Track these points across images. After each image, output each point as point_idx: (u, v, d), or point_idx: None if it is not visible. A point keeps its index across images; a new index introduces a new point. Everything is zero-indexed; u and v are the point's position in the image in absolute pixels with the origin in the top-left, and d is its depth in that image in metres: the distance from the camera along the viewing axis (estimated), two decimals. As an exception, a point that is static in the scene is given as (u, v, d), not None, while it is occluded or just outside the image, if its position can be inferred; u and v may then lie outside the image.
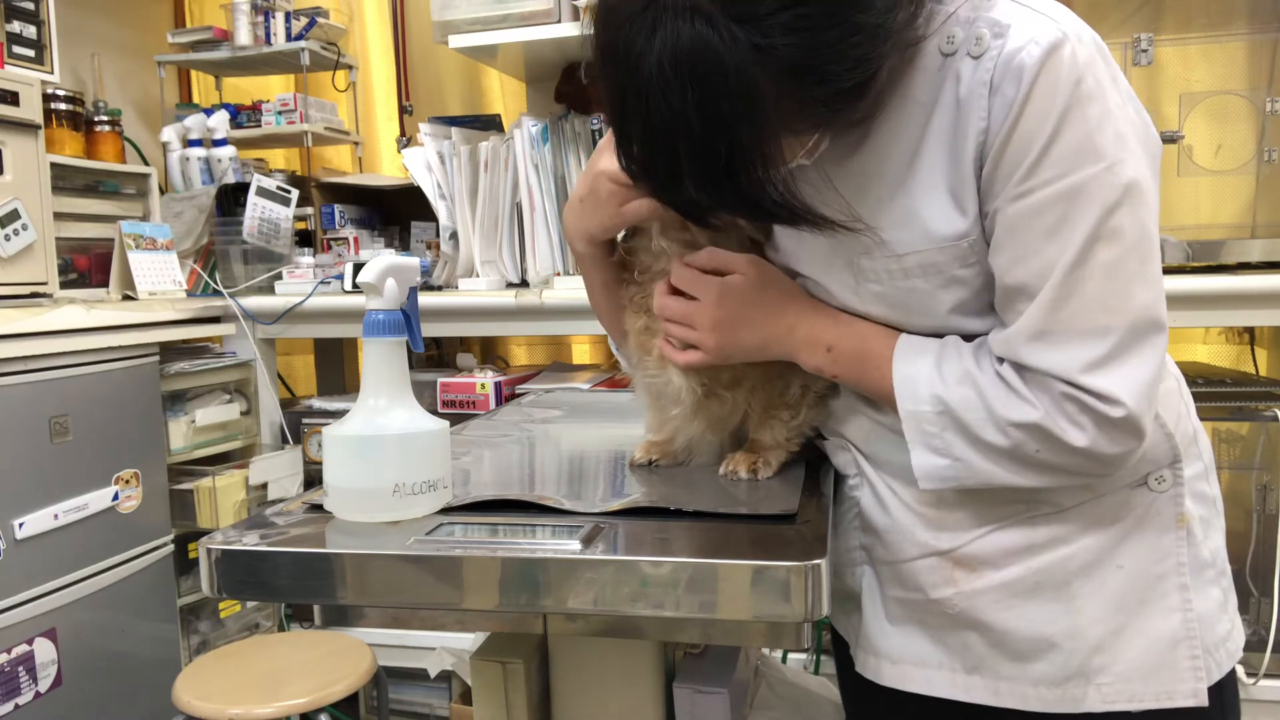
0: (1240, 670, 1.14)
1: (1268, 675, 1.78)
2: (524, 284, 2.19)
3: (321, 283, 2.26)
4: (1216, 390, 1.88)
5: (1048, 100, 0.73)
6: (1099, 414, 0.75)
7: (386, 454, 0.84)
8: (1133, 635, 0.84)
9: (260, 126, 2.70)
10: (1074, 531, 0.85)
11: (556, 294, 2.05)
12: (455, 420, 1.21)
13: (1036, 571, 0.85)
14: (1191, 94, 2.21)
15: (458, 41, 2.13)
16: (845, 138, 0.81)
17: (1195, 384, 1.26)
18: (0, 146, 1.81)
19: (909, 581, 0.90)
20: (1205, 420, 0.96)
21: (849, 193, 0.82)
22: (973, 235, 0.79)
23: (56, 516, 1.78)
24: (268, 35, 2.65)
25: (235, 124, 2.69)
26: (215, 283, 2.35)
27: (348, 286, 2.23)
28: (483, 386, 2.18)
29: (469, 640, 2.05)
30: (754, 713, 1.27)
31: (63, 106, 2.23)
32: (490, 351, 2.84)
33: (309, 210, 2.52)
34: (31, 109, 1.87)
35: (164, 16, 3.02)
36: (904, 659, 0.91)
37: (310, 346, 2.91)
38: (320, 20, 2.66)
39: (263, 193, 2.34)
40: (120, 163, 2.37)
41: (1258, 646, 1.78)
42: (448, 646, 2.15)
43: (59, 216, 2.02)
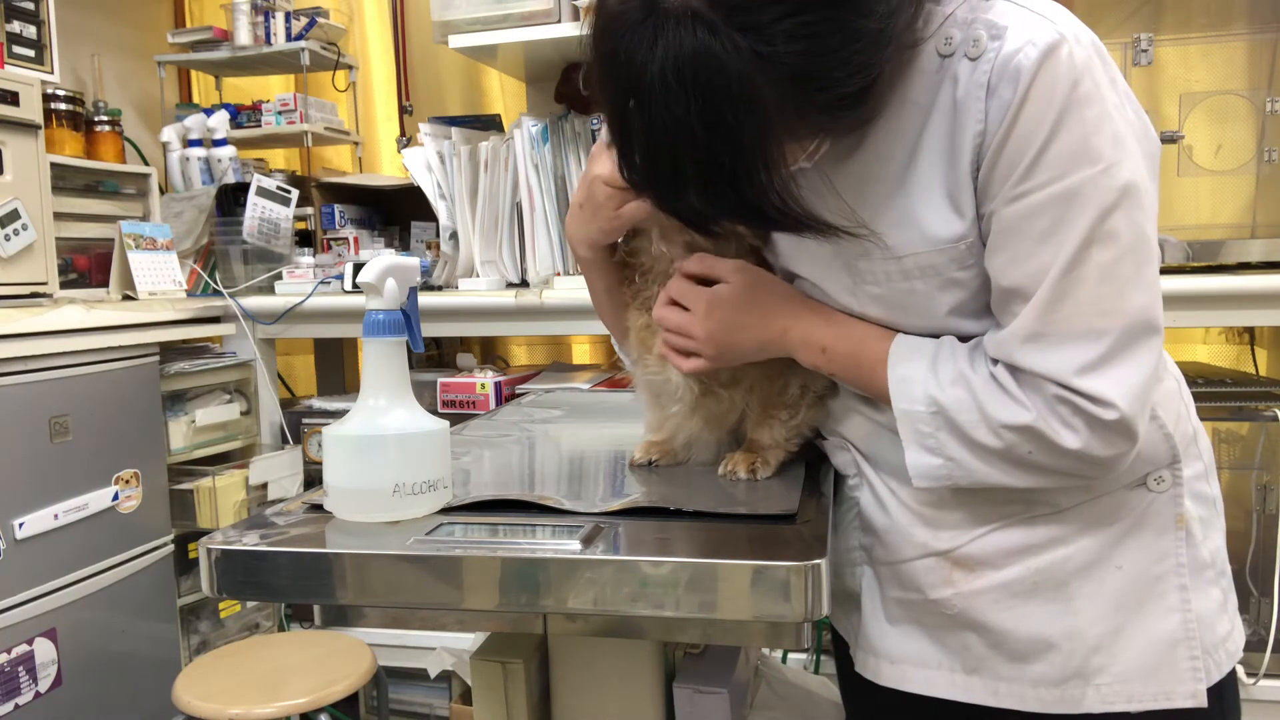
0: (1240, 670, 1.14)
1: (1268, 675, 1.78)
2: (524, 284, 2.19)
3: (321, 283, 2.26)
4: (1216, 390, 1.88)
5: (1044, 102, 0.73)
6: (1091, 416, 0.75)
7: (386, 454, 0.84)
8: (1131, 636, 0.84)
9: (260, 126, 2.70)
10: (1073, 532, 0.85)
11: (556, 294, 2.05)
12: (455, 420, 1.21)
13: (1035, 572, 0.85)
14: (1191, 94, 2.21)
15: (458, 41, 2.13)
16: (844, 140, 0.81)
17: (1195, 384, 1.26)
18: (0, 146, 1.81)
19: (908, 582, 0.90)
20: (1205, 420, 0.95)
21: (847, 195, 0.82)
22: (970, 237, 0.79)
23: (56, 516, 1.78)
24: (268, 35, 2.65)
25: (235, 124, 2.69)
26: (215, 283, 2.35)
27: (348, 286, 2.22)
28: (483, 386, 2.18)
29: (469, 640, 2.05)
30: (754, 713, 1.27)
31: (63, 106, 2.23)
32: (490, 351, 2.84)
33: (309, 210, 2.52)
34: (31, 109, 1.87)
35: (164, 16, 3.02)
36: (903, 659, 0.91)
37: (310, 346, 2.91)
38: (320, 20, 2.66)
39: (263, 193, 2.34)
40: (120, 163, 2.37)
41: (1258, 646, 1.78)
42: (448, 646, 2.15)
43: (59, 216, 2.02)
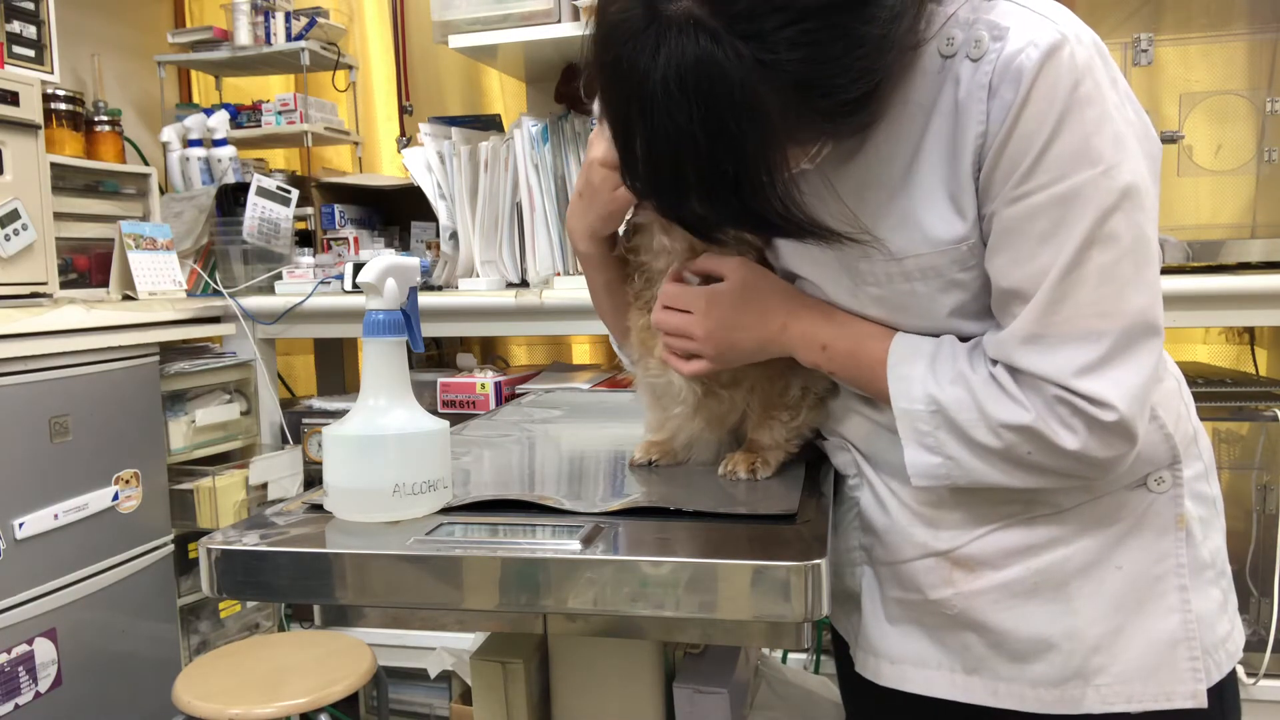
0: (1240, 670, 1.14)
1: (1268, 675, 1.78)
2: (524, 284, 2.19)
3: (321, 283, 2.26)
4: (1216, 390, 1.88)
5: (1046, 103, 0.73)
6: (1090, 418, 0.75)
7: (386, 454, 0.84)
8: (1131, 636, 0.84)
9: (260, 126, 2.70)
10: (1073, 532, 0.85)
11: (556, 294, 2.05)
12: (455, 420, 1.21)
13: (1035, 572, 0.85)
14: (1191, 94, 2.20)
15: (458, 41, 2.13)
16: (846, 142, 0.81)
17: (1195, 384, 1.26)
18: (0, 146, 1.81)
19: (908, 582, 0.90)
20: (1205, 420, 0.95)
21: (848, 197, 0.82)
22: (972, 239, 0.79)
23: (56, 516, 1.78)
24: (268, 35, 2.65)
25: (235, 124, 2.69)
26: (215, 283, 2.35)
27: (348, 286, 2.22)
28: (483, 386, 2.18)
29: (469, 640, 2.05)
30: (754, 713, 1.27)
31: (63, 106, 2.23)
32: (490, 351, 2.84)
33: (309, 210, 2.52)
34: (31, 109, 1.87)
35: (164, 16, 3.02)
36: (903, 659, 0.91)
37: (310, 346, 2.91)
38: (320, 20, 2.65)
39: (263, 193, 2.34)
40: (120, 163, 2.37)
41: (1258, 646, 1.78)
42: (448, 646, 2.15)
43: (59, 216, 2.02)
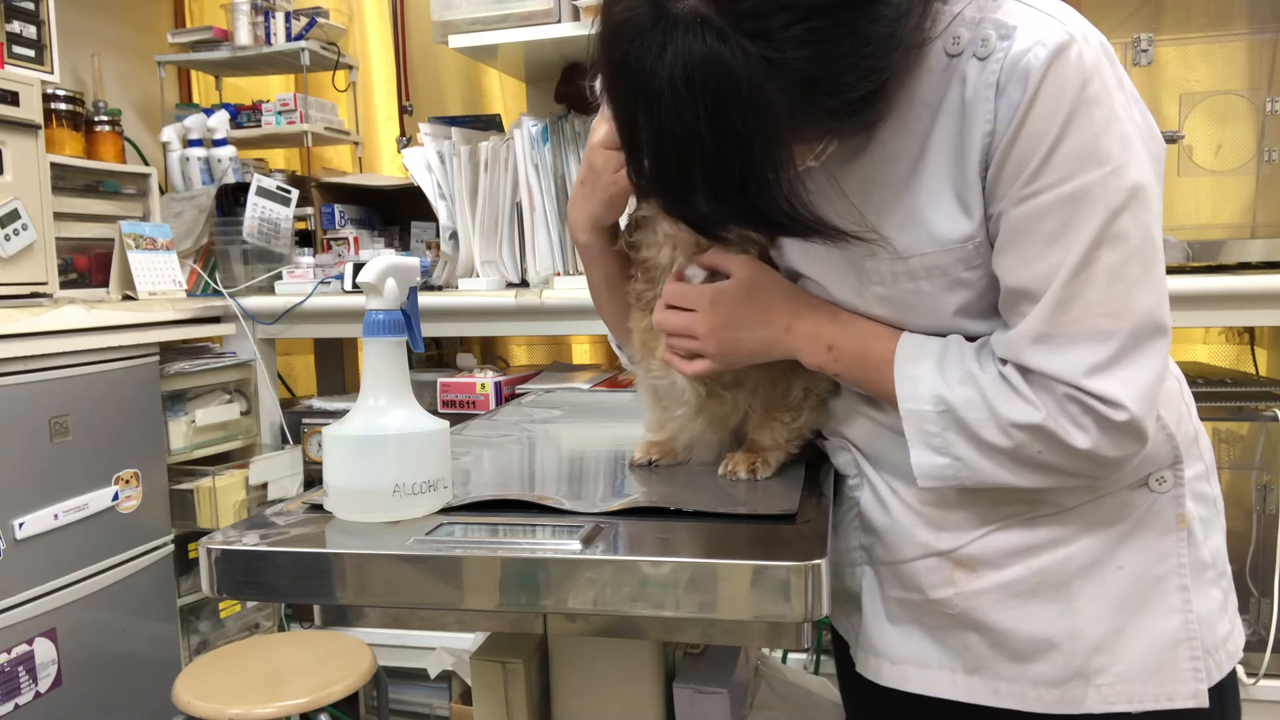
0: (1240, 670, 1.14)
1: (1268, 675, 1.78)
2: (524, 284, 2.19)
3: (321, 283, 2.26)
4: (1216, 390, 1.88)
5: (1054, 103, 0.73)
6: (1102, 417, 0.75)
7: (386, 454, 0.84)
8: (1133, 636, 0.84)
9: (260, 126, 2.70)
10: (1074, 532, 0.85)
11: (556, 294, 2.05)
12: (455, 420, 1.21)
13: (1037, 572, 0.85)
14: (1191, 94, 2.20)
15: (458, 41, 2.13)
16: (851, 141, 0.81)
17: (1195, 384, 1.26)
18: (0, 146, 1.81)
19: (909, 582, 0.90)
20: (1205, 420, 0.95)
21: (854, 195, 0.82)
22: (978, 238, 0.79)
23: (56, 516, 1.78)
24: (268, 35, 2.65)
25: (235, 124, 2.68)
26: (215, 283, 2.35)
27: (348, 286, 2.22)
28: (483, 386, 2.18)
29: (469, 640, 2.05)
30: (754, 713, 1.27)
31: (63, 106, 2.23)
32: (490, 351, 2.84)
33: (309, 210, 2.52)
34: (31, 109, 1.87)
35: (164, 16, 3.02)
36: (904, 659, 0.91)
37: (310, 346, 2.91)
38: (320, 20, 2.65)
39: (263, 193, 2.34)
40: (120, 163, 2.37)
41: (1258, 646, 1.78)
42: (448, 646, 2.15)
43: (59, 216, 2.02)
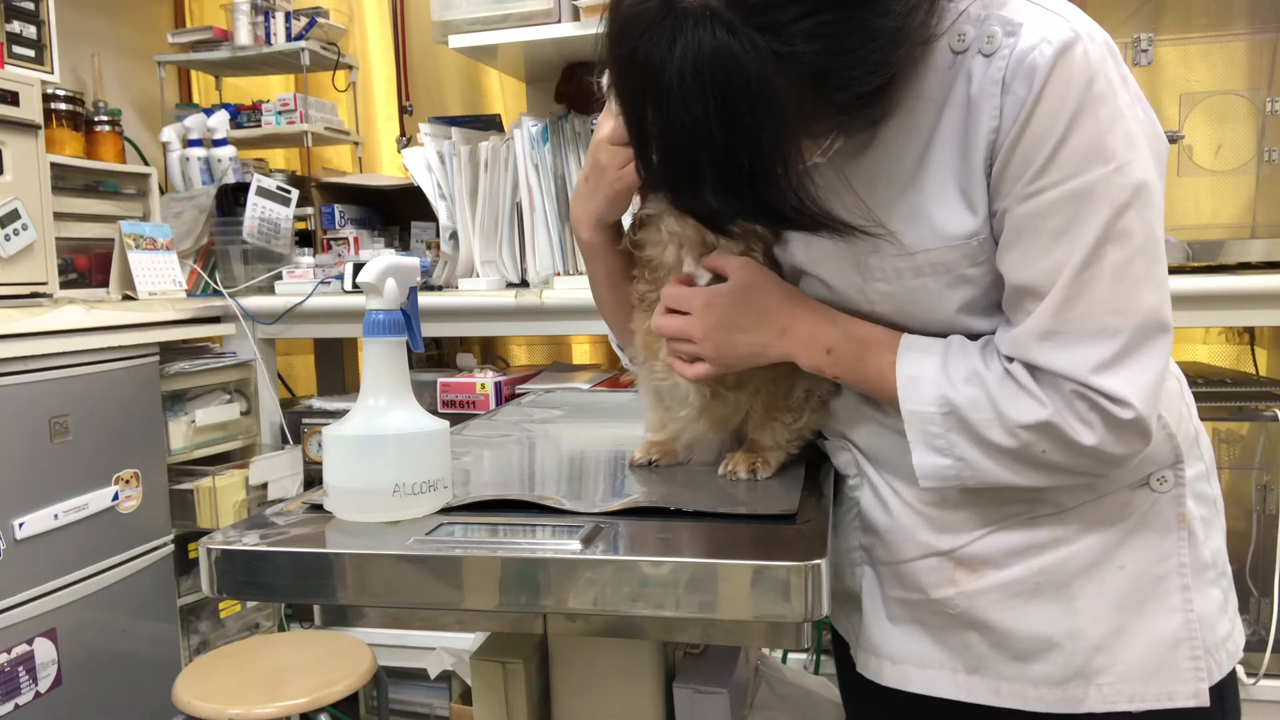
0: (1240, 670, 1.14)
1: (1268, 675, 1.78)
2: (524, 284, 2.19)
3: (321, 283, 2.26)
4: (1216, 390, 1.88)
5: (1059, 100, 0.73)
6: (1108, 414, 0.75)
7: (386, 454, 0.84)
8: (1134, 636, 0.84)
9: (260, 126, 2.70)
10: (1075, 532, 0.85)
11: (556, 294, 2.05)
12: (455, 420, 1.21)
13: (1038, 572, 0.85)
14: (1191, 94, 2.20)
15: (458, 41, 2.13)
16: (857, 136, 0.81)
17: (1195, 384, 1.26)
18: (0, 146, 1.81)
19: (910, 581, 0.90)
20: (1205, 420, 0.95)
21: (859, 191, 0.82)
22: (983, 234, 0.79)
23: (56, 516, 1.78)
24: (268, 35, 2.65)
25: (235, 124, 2.68)
26: (215, 283, 2.35)
27: (348, 286, 2.22)
28: (483, 386, 2.18)
29: (469, 640, 2.05)
30: (754, 713, 1.27)
31: (63, 106, 2.23)
32: (490, 351, 2.84)
33: (309, 210, 2.52)
34: (31, 109, 1.87)
35: (164, 16, 3.02)
36: (905, 659, 0.91)
37: (310, 346, 2.91)
38: (320, 20, 2.65)
39: (263, 193, 2.34)
40: (120, 163, 2.37)
41: (1258, 646, 1.78)
42: (448, 646, 2.15)
43: (59, 216, 2.02)
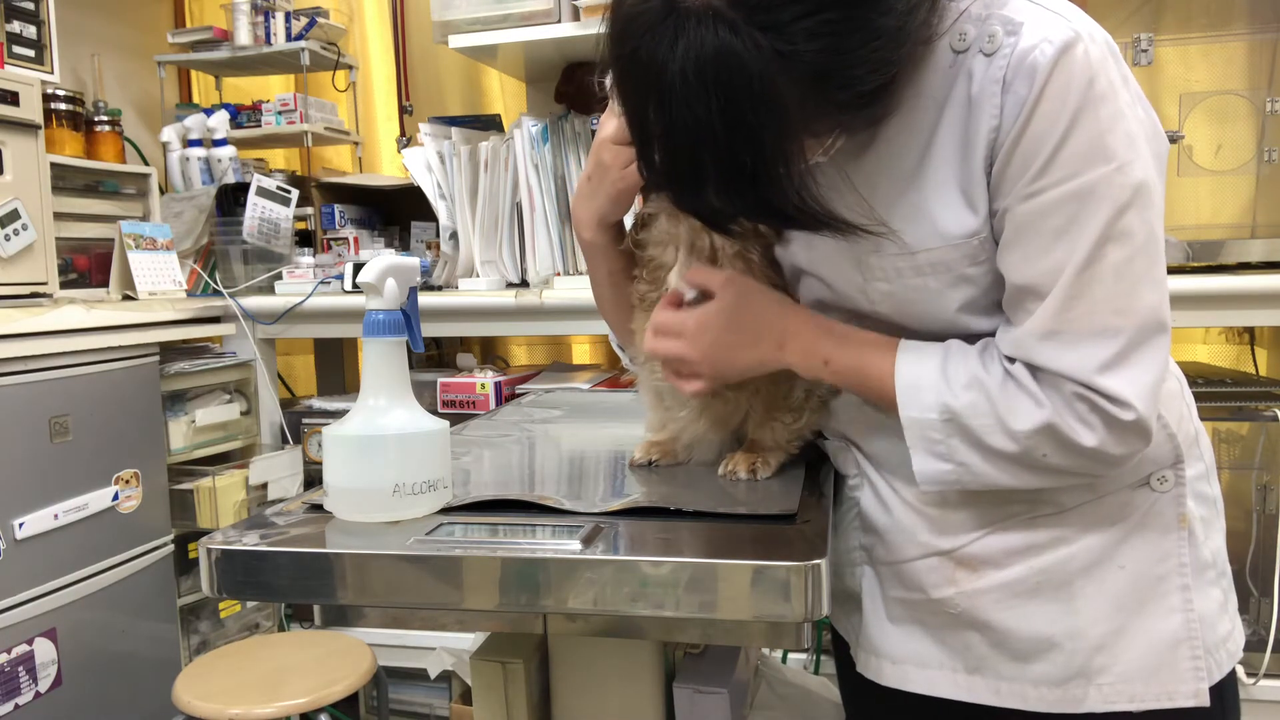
0: (1240, 670, 1.14)
1: (1268, 675, 1.78)
2: (524, 284, 2.19)
3: (321, 283, 2.25)
4: (1216, 390, 1.88)
5: (1060, 100, 0.73)
6: (1109, 415, 0.75)
7: (386, 454, 0.84)
8: (1134, 635, 0.84)
9: (260, 126, 2.70)
10: (1076, 532, 0.85)
11: (556, 294, 2.05)
12: (455, 420, 1.21)
13: (1038, 571, 0.85)
14: (1191, 94, 2.20)
15: (458, 41, 2.13)
16: (858, 135, 0.81)
17: (1195, 384, 1.26)
18: (0, 146, 1.81)
19: (910, 581, 0.90)
20: (1205, 420, 0.95)
21: (861, 189, 0.82)
22: (983, 233, 0.79)
23: (56, 516, 1.78)
24: (268, 35, 2.65)
25: (235, 124, 2.68)
26: (215, 283, 2.35)
27: (348, 286, 2.22)
28: (483, 386, 2.18)
29: (469, 640, 2.05)
30: (754, 713, 1.27)
31: (63, 106, 2.23)
32: (490, 351, 2.84)
33: (309, 210, 2.52)
34: (31, 109, 1.87)
35: (164, 16, 3.02)
36: (905, 659, 0.91)
37: (310, 346, 2.91)
38: (320, 20, 2.65)
39: (263, 193, 2.34)
40: (120, 163, 2.36)
41: (1258, 646, 1.78)
42: (448, 646, 2.15)
43: (59, 216, 2.02)
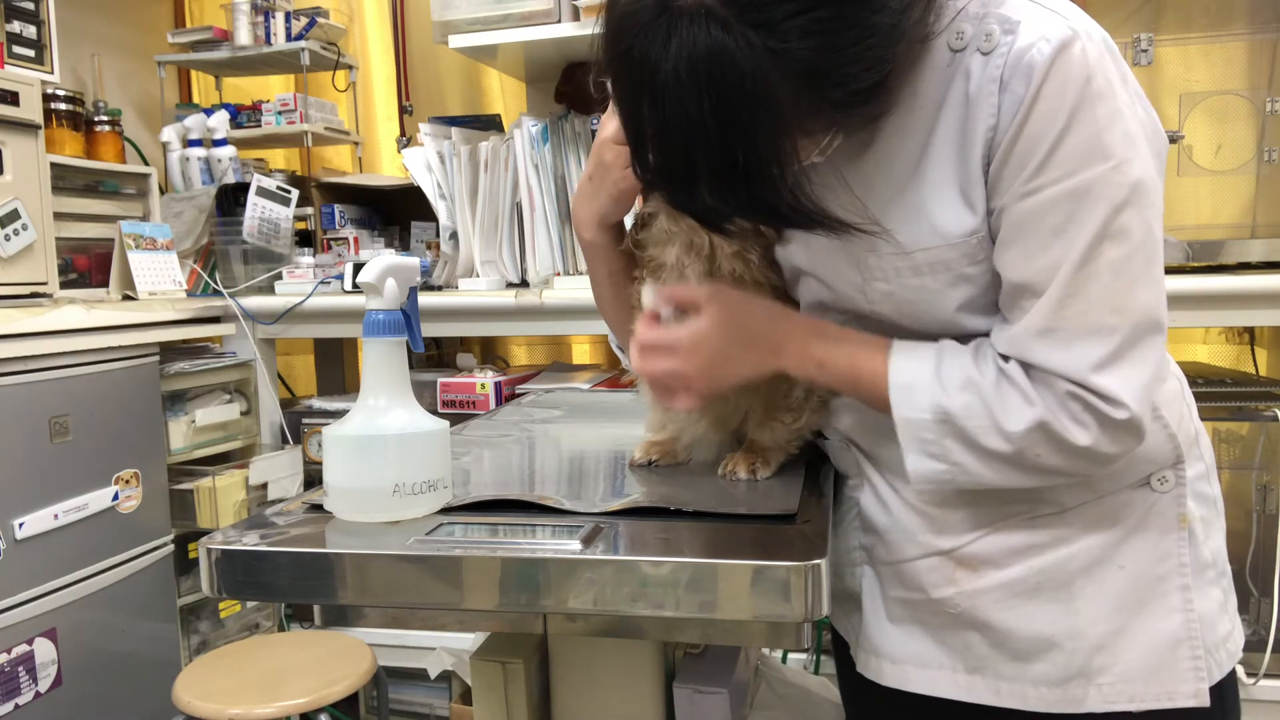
0: (1240, 670, 1.14)
1: (1268, 675, 1.78)
2: (524, 284, 2.19)
3: (321, 283, 2.25)
4: (1216, 390, 1.88)
5: (1057, 98, 0.73)
6: (1102, 414, 0.75)
7: (386, 454, 0.84)
8: (1134, 635, 0.84)
9: (260, 126, 2.70)
10: (1076, 531, 0.85)
11: (556, 294, 2.05)
12: (455, 420, 1.21)
13: (1038, 571, 0.85)
14: (1191, 94, 2.20)
15: (458, 41, 2.13)
16: (856, 135, 0.81)
17: (1195, 384, 1.26)
18: (0, 146, 1.81)
19: (910, 581, 0.90)
20: (1205, 420, 0.95)
21: (858, 189, 0.82)
22: (981, 232, 0.79)
23: (56, 516, 1.78)
24: (268, 35, 2.65)
25: (235, 124, 2.68)
26: (215, 283, 2.35)
27: (348, 286, 2.22)
28: (483, 386, 2.18)
29: (469, 640, 2.05)
30: (754, 713, 1.27)
31: (63, 106, 2.23)
32: (490, 351, 2.84)
33: (309, 210, 2.52)
34: (31, 109, 1.87)
35: (164, 16, 3.02)
36: (905, 659, 0.91)
37: (310, 346, 2.91)
38: (320, 20, 2.65)
39: (263, 193, 2.34)
40: (120, 163, 2.36)
41: (1258, 646, 1.78)
42: (448, 646, 2.15)
43: (59, 216, 2.02)
